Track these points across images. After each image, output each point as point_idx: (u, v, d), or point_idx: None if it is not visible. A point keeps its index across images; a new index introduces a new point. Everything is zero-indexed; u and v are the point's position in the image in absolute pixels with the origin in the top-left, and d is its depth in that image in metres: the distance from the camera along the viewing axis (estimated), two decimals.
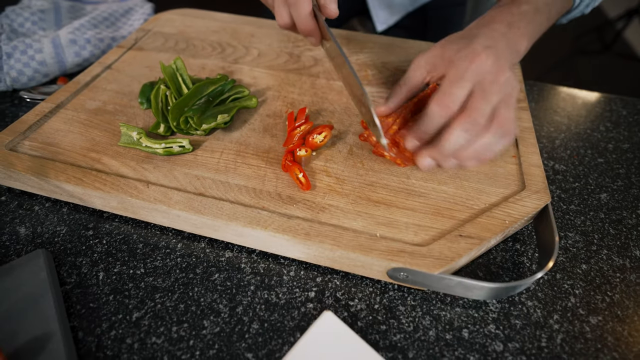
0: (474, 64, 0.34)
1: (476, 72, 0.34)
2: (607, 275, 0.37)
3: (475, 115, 0.33)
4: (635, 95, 0.59)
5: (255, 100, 0.46)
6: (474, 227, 0.34)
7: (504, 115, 0.34)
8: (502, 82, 0.34)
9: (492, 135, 0.34)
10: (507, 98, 0.34)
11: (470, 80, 0.34)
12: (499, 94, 0.34)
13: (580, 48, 2.16)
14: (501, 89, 0.34)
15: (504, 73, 0.34)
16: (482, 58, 0.34)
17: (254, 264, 0.36)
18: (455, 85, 0.34)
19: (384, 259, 0.32)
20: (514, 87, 0.35)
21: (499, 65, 0.34)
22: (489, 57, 0.34)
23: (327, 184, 0.38)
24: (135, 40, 0.57)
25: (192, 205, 0.35)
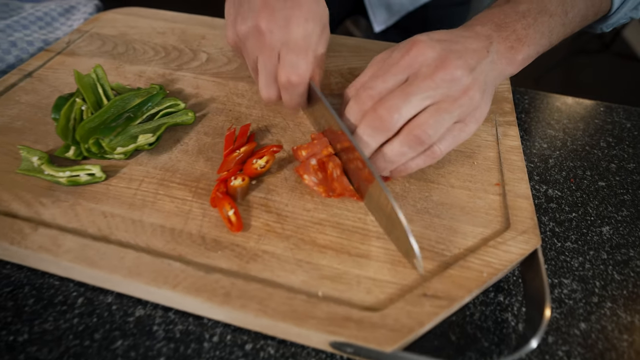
0: (407, 56, 0.28)
1: (408, 64, 0.28)
2: (611, 338, 0.29)
3: (377, 117, 0.28)
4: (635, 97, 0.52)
5: (192, 115, 0.39)
6: (443, 283, 0.27)
7: (419, 123, 0.28)
8: (440, 79, 0.27)
9: (400, 145, 0.29)
10: (444, 103, 0.28)
11: (398, 73, 0.28)
12: (430, 95, 0.27)
13: (579, 47, 2.10)
14: (438, 87, 0.27)
15: (449, 69, 0.27)
16: (419, 48, 0.28)
17: (170, 326, 0.29)
18: (378, 78, 0.28)
19: (323, 330, 0.24)
20: (463, 89, 0.28)
21: (444, 61, 0.27)
22: (433, 48, 0.28)
23: (265, 222, 0.31)
24: (67, 44, 0.50)
25: (86, 255, 0.28)
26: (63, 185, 0.33)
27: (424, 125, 0.28)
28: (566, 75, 1.93)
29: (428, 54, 0.28)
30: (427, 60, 0.28)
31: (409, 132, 0.29)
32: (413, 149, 0.29)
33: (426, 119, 0.28)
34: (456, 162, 0.37)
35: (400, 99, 0.28)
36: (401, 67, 0.29)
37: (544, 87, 1.90)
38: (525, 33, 0.32)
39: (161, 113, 0.38)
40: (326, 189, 0.32)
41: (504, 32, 0.32)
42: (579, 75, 1.94)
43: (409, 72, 0.29)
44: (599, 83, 1.89)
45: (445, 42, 0.29)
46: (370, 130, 0.29)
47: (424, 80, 0.28)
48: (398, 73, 0.29)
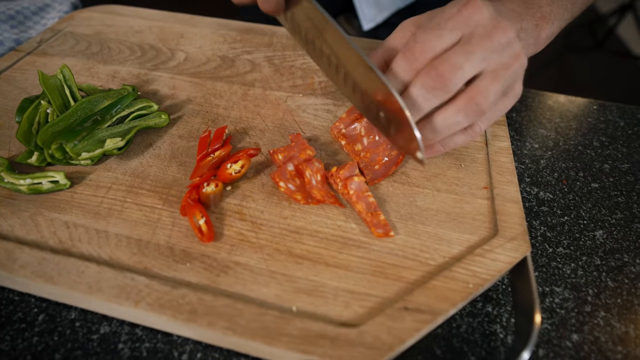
0: (465, 11, 0.26)
1: (464, 21, 0.26)
2: (605, 350, 0.28)
3: (437, 76, 0.25)
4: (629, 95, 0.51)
5: (165, 117, 0.37)
6: (426, 295, 0.25)
7: (481, 89, 0.26)
8: (497, 41, 0.25)
9: (452, 114, 0.27)
10: (500, 69, 0.26)
11: (454, 29, 0.26)
12: (487, 57, 0.26)
13: (572, 45, 2.09)
14: (495, 50, 0.25)
15: (505, 32, 0.26)
16: (476, 5, 0.26)
17: (136, 344, 0.27)
18: (432, 32, 0.26)
19: (295, 350, 0.23)
20: (515, 55, 0.26)
21: (499, 22, 0.26)
22: (487, 8, 0.26)
23: (239, 231, 0.29)
24: (38, 43, 0.47)
25: (44, 270, 0.26)
26: (24, 193, 0.31)
27: (485, 92, 0.26)
28: (560, 72, 1.92)
29: (484, 12, 0.26)
30: (483, 19, 0.26)
31: (470, 98, 0.26)
32: (468, 118, 0.27)
33: (487, 86, 0.26)
34: (442, 165, 0.35)
35: (463, 56, 0.25)
36: (458, 22, 0.26)
37: (537, 84, 1.88)
38: (549, 10, 0.30)
39: (132, 116, 0.36)
40: (304, 196, 0.30)
41: (530, 9, 0.30)
42: (573, 72, 1.93)
43: (465, 30, 0.26)
44: (593, 80, 1.89)
45: (494, 5, 0.27)
46: (426, 91, 0.26)
47: (482, 39, 0.26)
48: (454, 29, 0.26)
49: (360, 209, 0.29)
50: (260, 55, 0.47)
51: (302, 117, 0.39)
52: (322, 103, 0.41)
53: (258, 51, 0.48)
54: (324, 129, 0.39)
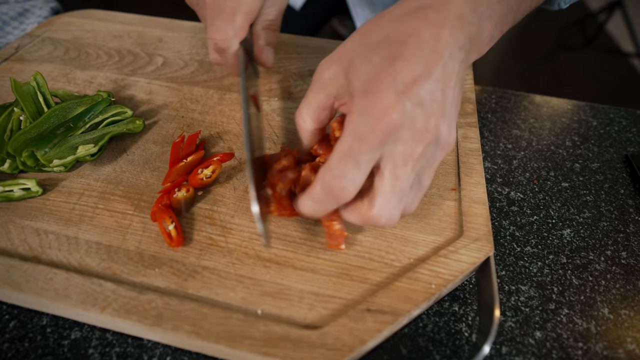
0: (381, 126, 0.22)
1: (381, 139, 0.22)
2: (566, 347, 0.29)
3: (376, 211, 0.24)
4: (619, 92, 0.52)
5: (140, 123, 0.37)
6: (389, 296, 0.26)
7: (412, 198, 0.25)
8: (421, 152, 0.23)
9: None
10: (428, 167, 0.25)
11: (372, 151, 0.23)
12: (413, 173, 0.24)
13: (562, 42, 2.11)
14: (419, 163, 0.24)
15: (430, 133, 0.23)
16: (393, 116, 0.22)
17: (106, 349, 0.28)
18: (348, 160, 0.23)
19: (257, 352, 0.23)
20: (445, 148, 0.25)
21: (424, 120, 0.23)
22: (405, 111, 0.22)
23: (208, 235, 0.30)
24: (15, 49, 0.47)
25: (11, 277, 0.26)
26: None
27: (382, 207, 0.24)
28: (550, 71, 1.94)
29: (401, 118, 0.23)
30: (406, 126, 0.23)
31: (367, 218, 0.25)
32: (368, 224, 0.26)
33: (383, 200, 0.24)
34: None
35: (391, 193, 0.24)
36: (375, 144, 0.23)
37: (528, 83, 1.90)
38: (498, 8, 0.27)
39: (106, 122, 0.36)
40: (278, 207, 0.29)
41: (479, 5, 0.25)
42: (563, 70, 1.95)
43: (385, 148, 0.24)
44: (584, 78, 1.91)
45: (415, 90, 0.23)
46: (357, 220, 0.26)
47: (404, 163, 0.23)
48: (373, 154, 0.24)
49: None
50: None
51: (276, 122, 0.40)
52: (296, 107, 0.42)
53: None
54: (297, 133, 0.39)
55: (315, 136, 0.29)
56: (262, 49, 0.38)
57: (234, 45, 0.34)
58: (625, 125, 0.47)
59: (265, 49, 0.38)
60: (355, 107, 0.23)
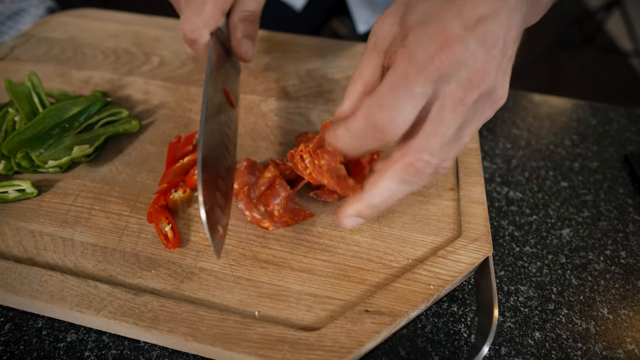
0: (441, 57, 0.20)
1: (440, 72, 0.20)
2: (565, 347, 0.28)
3: (421, 161, 0.21)
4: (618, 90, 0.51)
5: (136, 123, 0.37)
6: (387, 297, 0.26)
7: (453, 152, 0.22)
8: (476, 98, 0.21)
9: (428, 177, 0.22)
10: (472, 121, 0.22)
11: (428, 83, 0.20)
12: (460, 121, 0.21)
13: (561, 41, 2.11)
14: (470, 111, 0.21)
15: (488, 79, 0.21)
16: (455, 48, 0.20)
17: (102, 351, 0.27)
18: (401, 89, 0.20)
19: (253, 354, 0.23)
20: (495, 103, 0.22)
21: (486, 62, 0.21)
22: (469, 47, 0.20)
23: (205, 237, 0.29)
24: (10, 49, 0.47)
25: (6, 280, 0.26)
26: None
27: (426, 148, 0.22)
28: (550, 70, 1.94)
29: (467, 53, 0.20)
30: (462, 65, 0.20)
31: (407, 162, 0.22)
32: (408, 186, 0.23)
33: (429, 137, 0.21)
34: None
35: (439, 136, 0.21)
36: (431, 75, 0.21)
37: (527, 82, 1.90)
38: None
39: (102, 122, 0.36)
40: (272, 222, 0.29)
41: None
42: (562, 69, 1.95)
43: (435, 85, 0.21)
44: (582, 77, 1.91)
45: (478, 29, 0.20)
46: (404, 178, 0.23)
47: (459, 103, 0.21)
48: (426, 85, 0.21)
49: (329, 180, 0.28)
50: None
51: (274, 121, 0.40)
52: (295, 106, 0.41)
53: None
54: (296, 132, 0.39)
55: (360, 100, 0.25)
56: (239, 41, 0.35)
57: (203, 36, 0.32)
58: (624, 125, 0.47)
59: (243, 42, 0.35)
60: (412, 37, 0.21)
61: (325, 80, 0.44)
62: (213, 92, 0.29)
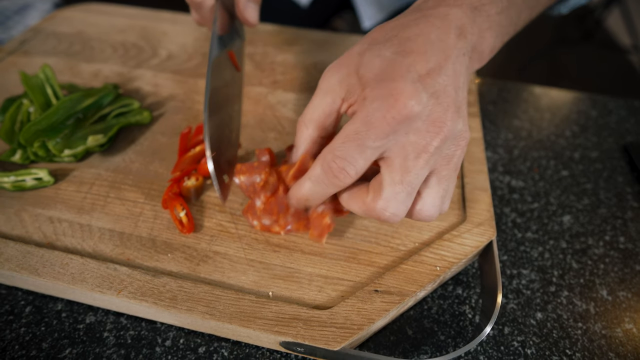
0: (393, 113, 0.21)
1: (393, 128, 0.22)
2: (566, 327, 0.30)
3: (382, 204, 0.23)
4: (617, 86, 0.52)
5: (147, 114, 0.38)
6: (395, 278, 0.27)
7: (428, 201, 0.24)
8: (437, 146, 0.22)
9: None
10: (447, 164, 0.24)
11: (380, 139, 0.22)
12: (426, 168, 0.23)
13: (561, 37, 2.11)
14: (433, 158, 0.23)
15: (445, 126, 0.22)
16: (408, 103, 0.21)
17: (121, 332, 0.28)
18: (353, 144, 0.22)
19: (269, 331, 0.24)
20: (461, 142, 0.24)
21: (440, 112, 0.22)
22: (421, 100, 0.22)
23: (218, 222, 0.30)
24: (20, 43, 0.48)
25: (28, 263, 0.27)
26: (8, 190, 0.32)
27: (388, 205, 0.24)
28: (549, 65, 1.95)
29: (415, 109, 0.22)
30: (413, 122, 0.22)
31: (370, 210, 0.24)
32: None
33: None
34: None
35: (398, 185, 0.23)
36: (383, 134, 0.23)
37: (527, 78, 1.91)
38: (497, 19, 0.27)
39: (114, 113, 0.37)
40: (283, 227, 0.29)
41: (478, 17, 0.25)
42: (562, 65, 1.95)
43: (390, 141, 0.23)
44: (582, 73, 1.91)
45: (427, 81, 0.22)
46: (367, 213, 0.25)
47: (416, 156, 0.23)
48: (379, 144, 0.23)
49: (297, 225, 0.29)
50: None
51: (282, 113, 0.40)
52: (302, 98, 0.42)
53: None
54: None
55: (314, 145, 0.27)
56: (244, 5, 0.35)
57: (208, 0, 0.33)
58: (623, 116, 0.48)
59: (248, 6, 0.35)
60: (368, 94, 0.23)
61: None
62: (218, 53, 0.30)
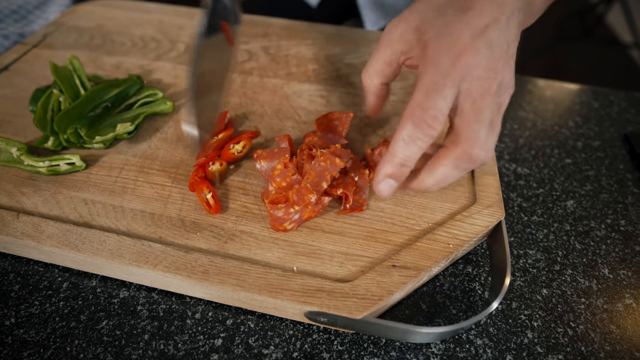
0: (460, 62, 0.25)
1: (461, 74, 0.25)
2: (570, 302, 0.31)
3: (468, 145, 0.25)
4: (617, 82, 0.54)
5: (170, 104, 0.39)
6: (411, 255, 0.29)
7: (489, 136, 0.26)
8: (496, 89, 0.25)
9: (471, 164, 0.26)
10: (498, 110, 0.26)
11: (454, 85, 0.25)
12: (491, 107, 0.25)
13: (562, 34, 2.13)
14: (494, 99, 0.25)
15: (499, 74, 0.25)
16: (469, 54, 0.25)
17: (153, 306, 0.30)
18: (434, 93, 0.25)
19: (296, 301, 0.26)
20: (508, 91, 0.26)
21: (494, 61, 0.25)
22: (479, 51, 0.25)
23: (243, 204, 0.32)
24: (43, 37, 0.49)
25: (69, 240, 0.29)
26: (43, 174, 0.33)
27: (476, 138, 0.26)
28: (550, 61, 1.96)
29: (479, 55, 0.25)
30: (478, 63, 0.25)
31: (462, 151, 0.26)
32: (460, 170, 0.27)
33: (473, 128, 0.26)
34: None
35: (477, 123, 0.26)
36: (456, 77, 0.25)
37: (528, 74, 1.92)
38: None
39: (139, 102, 0.38)
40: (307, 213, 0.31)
41: None
42: (563, 61, 1.97)
43: (463, 81, 0.25)
44: (583, 69, 1.93)
45: (485, 36, 0.25)
46: (456, 163, 0.27)
47: (482, 96, 0.25)
48: (453, 85, 0.25)
49: None
50: (256, 45, 0.49)
51: (297, 103, 0.42)
52: (316, 89, 0.44)
53: (254, 41, 0.50)
54: (318, 113, 0.41)
55: (380, 92, 0.31)
56: None
57: None
58: (624, 107, 0.50)
59: None
60: (432, 50, 0.26)
61: (344, 65, 0.47)
62: (214, 17, 0.30)
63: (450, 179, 0.27)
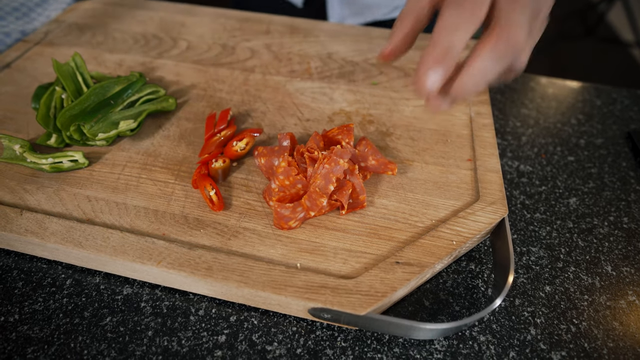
0: None
1: None
2: (573, 299, 0.32)
3: (507, 28, 0.24)
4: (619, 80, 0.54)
5: (172, 101, 0.39)
6: (415, 251, 0.29)
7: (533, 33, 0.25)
8: None
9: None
10: (536, 16, 0.26)
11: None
12: (531, 5, 0.24)
13: (563, 33, 2.12)
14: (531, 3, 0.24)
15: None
16: None
17: (156, 302, 0.30)
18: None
19: (300, 297, 0.26)
20: (548, 2, 0.26)
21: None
22: None
23: (246, 201, 0.32)
24: (44, 34, 0.49)
25: (72, 236, 0.29)
26: (46, 172, 0.33)
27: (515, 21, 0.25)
28: (551, 60, 1.96)
29: None
30: None
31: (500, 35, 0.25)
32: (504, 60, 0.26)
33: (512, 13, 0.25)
34: (431, 140, 0.38)
35: (520, 12, 0.25)
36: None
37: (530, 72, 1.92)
38: None
39: (142, 100, 0.38)
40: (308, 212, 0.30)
41: None
42: (565, 60, 1.96)
43: None
44: (585, 67, 1.92)
45: None
46: (499, 54, 0.25)
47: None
48: None
49: None
50: (259, 43, 0.49)
51: (300, 100, 0.42)
52: (318, 86, 0.44)
53: (257, 39, 0.50)
54: (321, 110, 0.41)
55: (408, 39, 0.28)
56: None
57: None
58: (627, 105, 0.50)
59: None
60: None
61: (346, 62, 0.47)
62: None
63: (490, 75, 0.25)
